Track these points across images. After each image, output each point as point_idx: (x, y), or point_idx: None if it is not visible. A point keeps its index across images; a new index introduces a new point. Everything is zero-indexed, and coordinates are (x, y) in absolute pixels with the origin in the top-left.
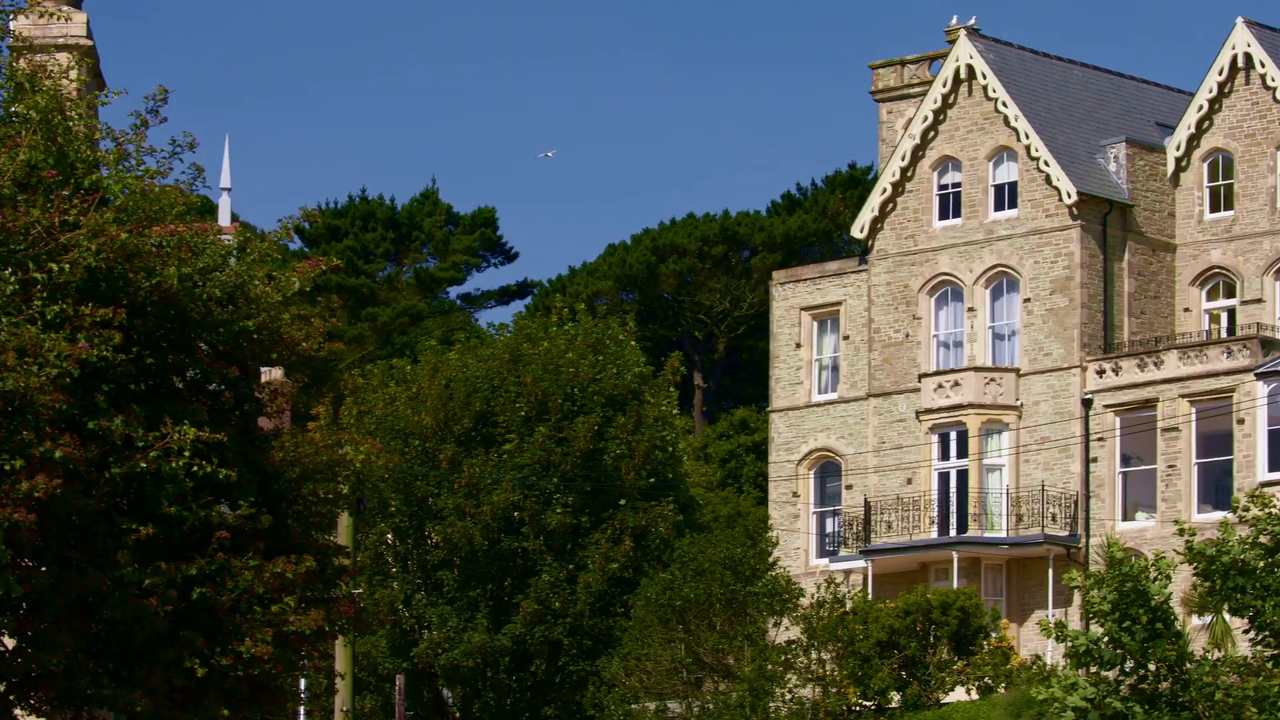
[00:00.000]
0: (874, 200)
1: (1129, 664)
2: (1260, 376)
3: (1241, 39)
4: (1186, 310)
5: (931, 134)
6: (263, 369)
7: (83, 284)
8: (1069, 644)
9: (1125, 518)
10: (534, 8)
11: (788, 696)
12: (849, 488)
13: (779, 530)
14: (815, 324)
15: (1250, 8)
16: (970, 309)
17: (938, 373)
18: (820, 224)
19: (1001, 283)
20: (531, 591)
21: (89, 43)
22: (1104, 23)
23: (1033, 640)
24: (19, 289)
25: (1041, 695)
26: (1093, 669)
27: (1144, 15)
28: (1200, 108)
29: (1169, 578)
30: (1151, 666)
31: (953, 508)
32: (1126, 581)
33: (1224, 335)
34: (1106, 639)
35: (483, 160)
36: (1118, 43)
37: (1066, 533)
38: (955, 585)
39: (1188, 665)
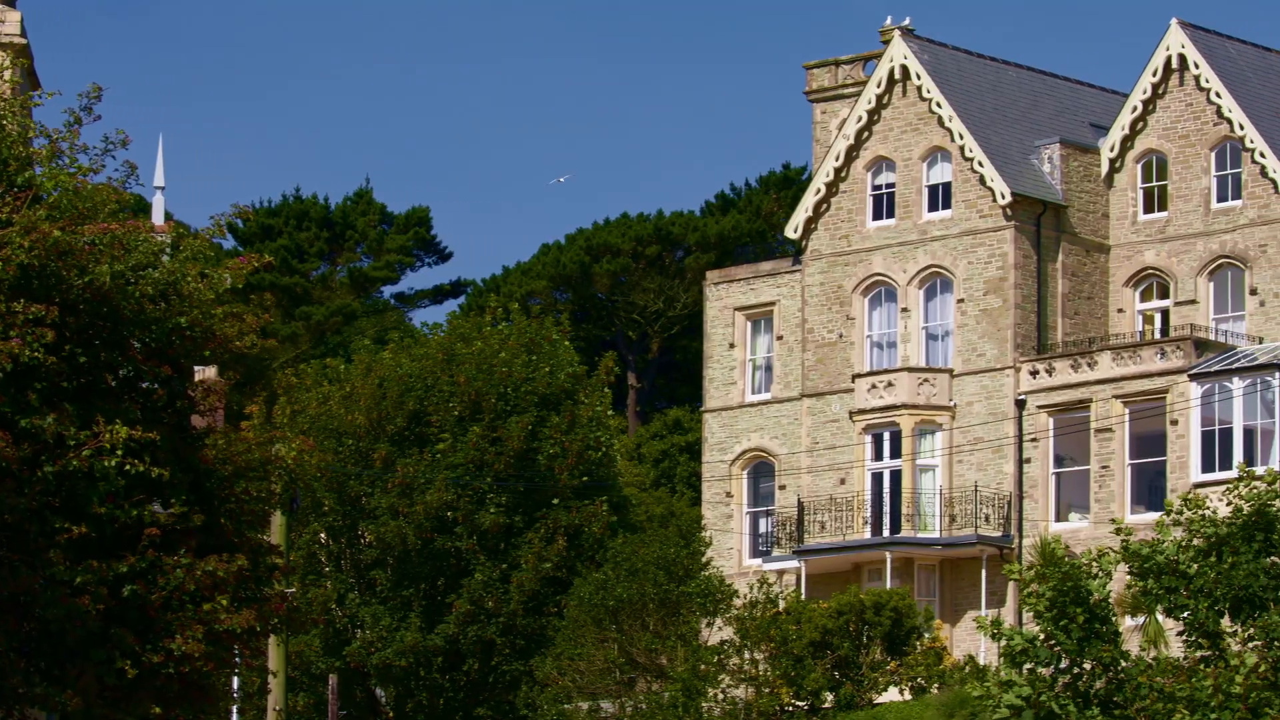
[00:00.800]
0: (808, 200)
1: (1064, 663)
2: (1194, 377)
3: (1176, 40)
4: (1120, 311)
5: (865, 134)
6: (196, 367)
7: (15, 281)
8: (1005, 642)
9: (1058, 518)
10: (467, 8)
11: (721, 696)
12: (782, 488)
13: (712, 530)
14: (749, 324)
15: (1184, 9)
16: (904, 309)
17: (871, 373)
18: (754, 224)
19: (935, 283)
20: (465, 591)
21: (23, 41)
22: (1039, 24)
23: (966, 640)
24: None
25: (977, 692)
26: (1028, 667)
27: (1079, 16)
28: (1134, 109)
29: (1110, 575)
30: (1087, 665)
31: (886, 508)
32: (1066, 580)
33: (1157, 336)
34: (1043, 637)
35: (417, 160)
36: (1052, 44)
37: (1000, 533)
38: (888, 585)
39: (1123, 665)
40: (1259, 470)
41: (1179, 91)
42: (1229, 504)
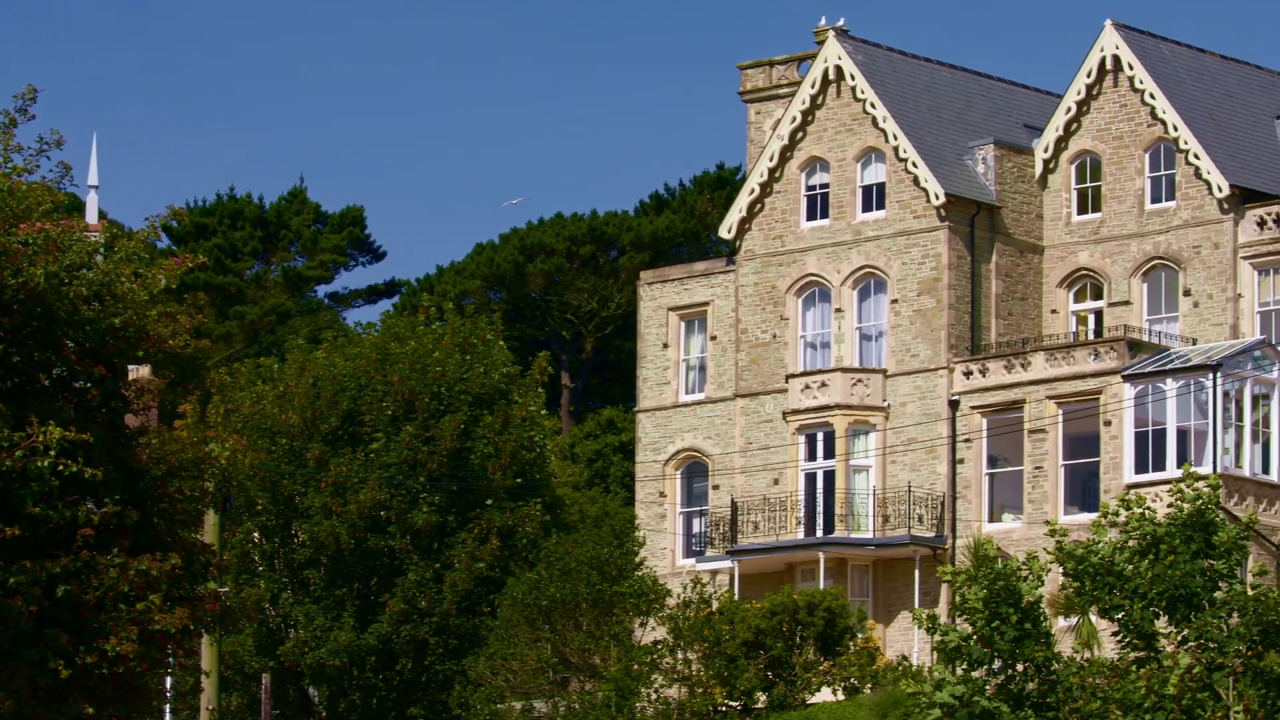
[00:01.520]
0: (742, 201)
1: (997, 663)
2: (1127, 378)
3: (1110, 42)
4: (1054, 312)
5: (800, 135)
6: (129, 367)
7: None
8: (939, 638)
9: (992, 519)
10: (402, 8)
11: (654, 696)
12: (716, 488)
13: (645, 530)
14: (683, 324)
15: (1119, 11)
16: (838, 310)
17: (805, 373)
18: (688, 224)
19: (869, 284)
20: (398, 591)
21: None
22: (973, 25)
23: (899, 641)
24: None
25: (910, 689)
26: (961, 667)
27: (1013, 18)
28: (1069, 110)
29: (1041, 579)
30: (1019, 666)
31: (819, 508)
32: (998, 580)
33: (1091, 337)
34: (976, 637)
35: (351, 159)
36: (987, 45)
37: (933, 534)
38: (821, 586)
39: (1055, 666)
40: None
41: (1113, 93)
42: (1168, 504)
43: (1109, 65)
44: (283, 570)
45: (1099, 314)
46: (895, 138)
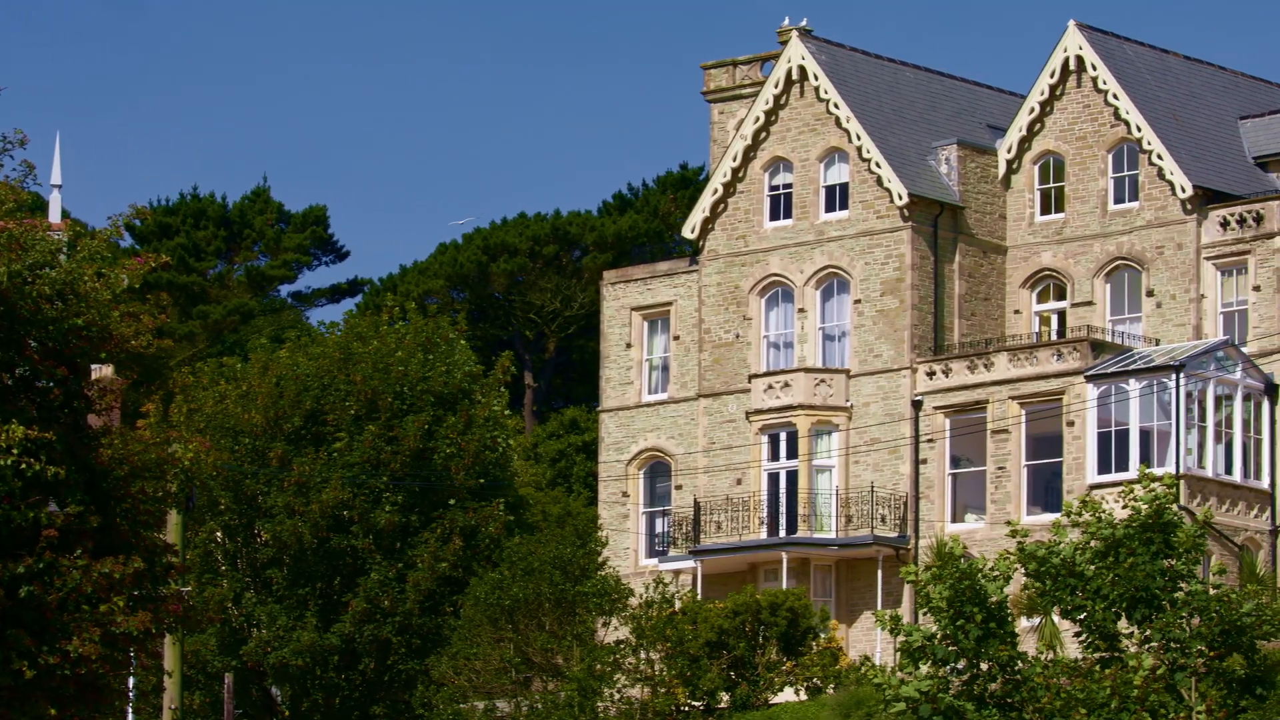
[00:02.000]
0: (705, 201)
1: (961, 663)
2: (1090, 379)
3: (1073, 42)
4: (1017, 312)
5: (763, 135)
6: (92, 366)
7: None
8: (903, 638)
9: (954, 519)
10: (365, 7)
11: (616, 696)
12: (679, 488)
13: (608, 530)
14: (646, 324)
15: (1083, 11)
16: (801, 310)
17: (768, 373)
18: (651, 224)
19: (832, 284)
20: (360, 590)
21: None
22: (936, 25)
23: (861, 641)
24: None
25: (878, 679)
26: (925, 666)
27: (976, 18)
28: (1032, 110)
29: (1008, 579)
30: (984, 666)
31: (782, 508)
32: (963, 580)
33: (1054, 337)
34: (940, 636)
35: (314, 158)
36: (950, 45)
37: (896, 534)
38: (784, 586)
39: (1019, 666)
40: (1156, 472)
41: (1076, 93)
42: (1125, 505)
43: (1072, 66)
44: (245, 570)
45: (1062, 314)
46: (858, 138)
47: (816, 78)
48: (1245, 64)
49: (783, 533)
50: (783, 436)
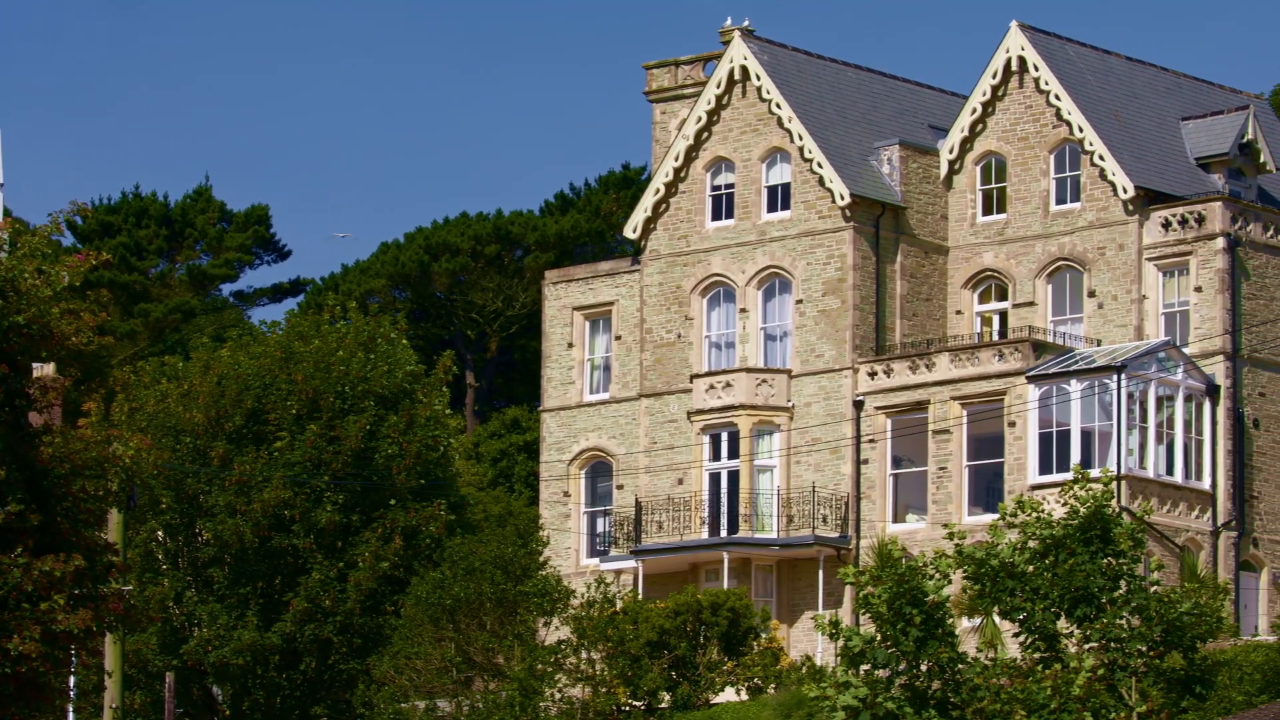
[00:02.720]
0: (647, 200)
1: (901, 665)
2: (1031, 379)
3: (1015, 43)
4: (958, 313)
5: (705, 135)
6: (33, 364)
7: None
8: (843, 642)
9: (896, 519)
10: (306, 8)
11: (557, 696)
12: (620, 488)
13: (550, 530)
14: (587, 324)
15: (1025, 12)
16: (742, 310)
17: (709, 373)
18: (593, 224)
19: (774, 284)
20: (302, 589)
21: None
22: (878, 26)
23: (803, 641)
24: None
25: (814, 693)
26: (864, 668)
27: (918, 18)
28: (974, 111)
29: (948, 579)
30: (923, 667)
31: (723, 508)
32: (903, 581)
33: (995, 338)
34: (880, 638)
35: (256, 158)
36: (892, 46)
37: (837, 534)
38: (725, 586)
39: (960, 667)
40: (1094, 473)
41: (1018, 94)
42: (1064, 504)
43: (1014, 66)
44: (186, 569)
45: (1003, 315)
46: (800, 138)
47: (758, 78)
48: (1187, 65)
49: (724, 533)
50: (724, 436)
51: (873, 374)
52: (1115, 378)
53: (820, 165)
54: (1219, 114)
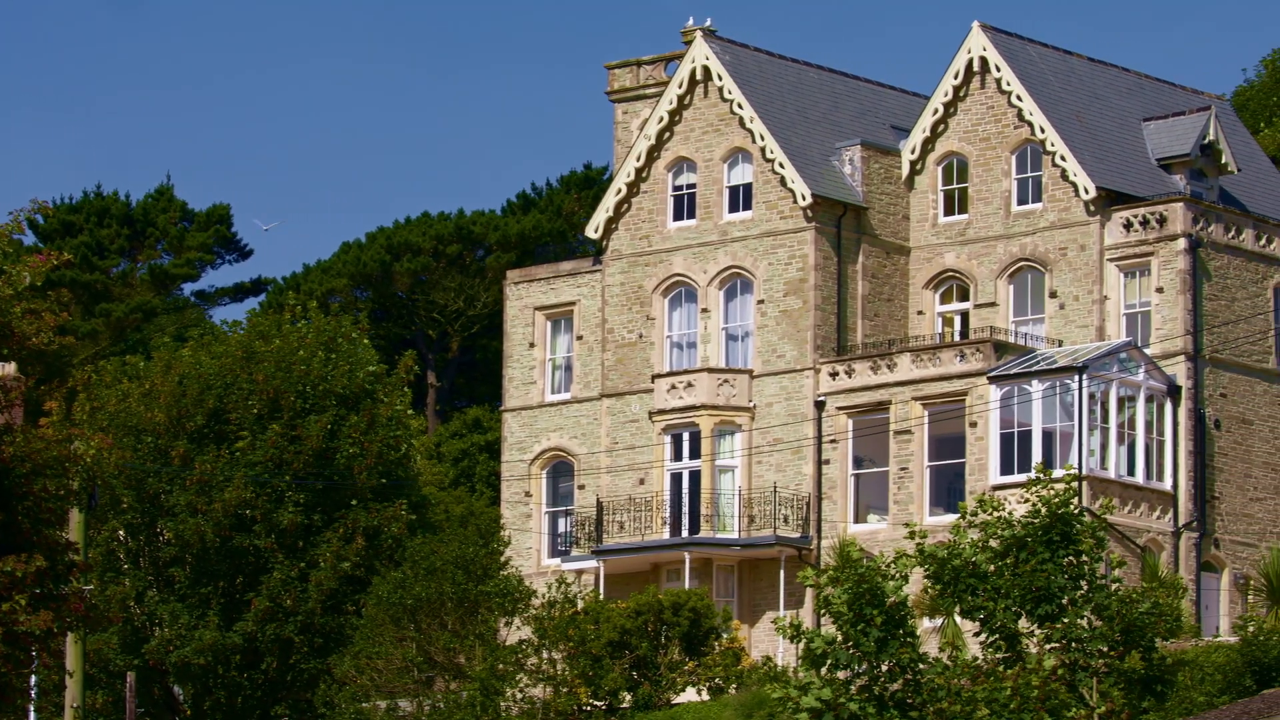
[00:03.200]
0: (609, 201)
1: (862, 665)
2: (993, 380)
3: (977, 43)
4: (920, 313)
5: (667, 135)
6: None
7: None
8: (804, 643)
9: (857, 520)
10: (269, 6)
11: (519, 696)
12: (581, 488)
13: (511, 530)
14: (549, 324)
15: (987, 12)
16: (704, 310)
17: (671, 373)
18: (555, 224)
19: (735, 284)
20: (263, 589)
21: None
22: (840, 26)
23: (764, 641)
24: None
25: (777, 694)
26: (825, 670)
27: (880, 19)
28: (936, 111)
29: (907, 578)
30: (884, 667)
31: (685, 508)
32: (863, 582)
33: (957, 338)
34: (841, 639)
35: (218, 157)
36: (854, 46)
37: (798, 534)
38: (687, 586)
39: (921, 667)
40: (1056, 473)
41: (980, 94)
42: (1027, 502)
43: (976, 67)
44: (148, 568)
45: (965, 315)
46: (762, 138)
47: (720, 78)
48: (1149, 66)
49: (685, 533)
50: (685, 436)
51: (834, 374)
52: (1076, 378)
53: (782, 165)
54: (1181, 115)
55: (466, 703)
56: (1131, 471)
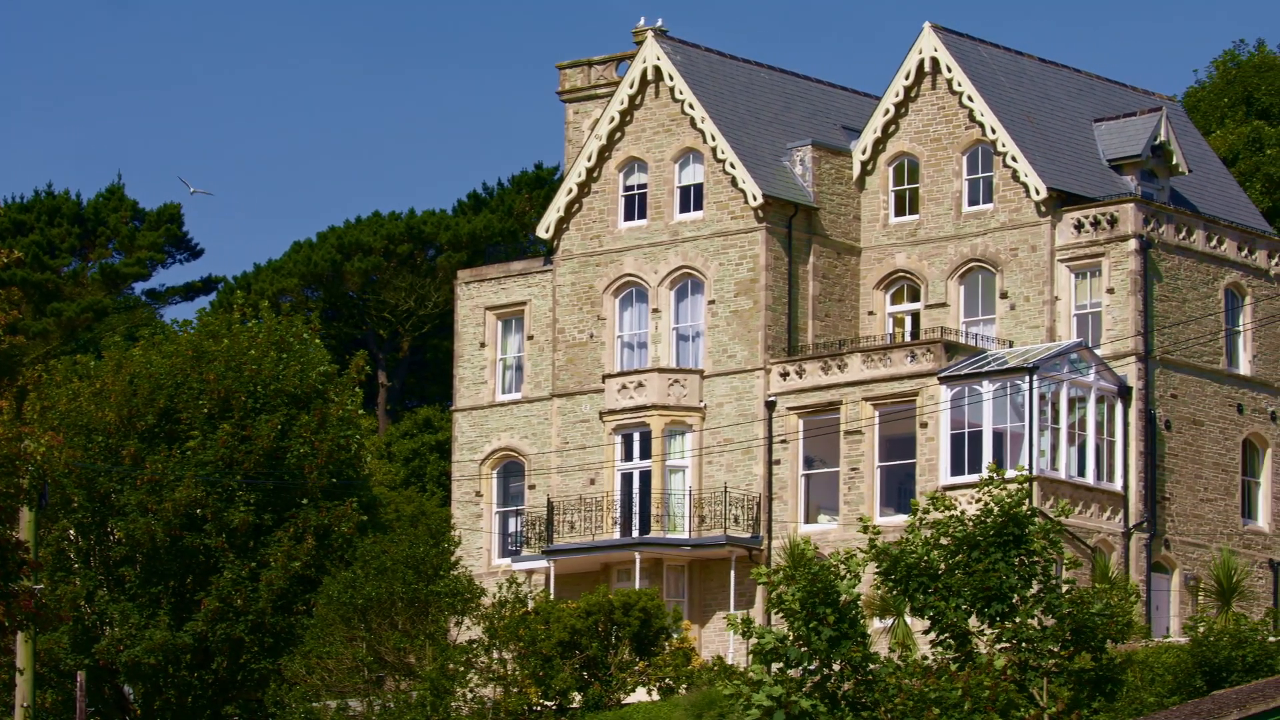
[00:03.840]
0: (560, 201)
1: (814, 663)
2: (943, 380)
3: (928, 44)
4: (871, 313)
5: (618, 135)
6: None
7: None
8: (755, 640)
9: (808, 520)
10: (220, 8)
11: (469, 696)
12: (532, 488)
13: (462, 529)
14: (500, 324)
15: (938, 13)
16: (655, 310)
17: (621, 373)
18: (506, 224)
19: (686, 284)
20: (213, 589)
21: None
22: (791, 26)
23: (714, 641)
24: None
25: (728, 690)
26: (777, 667)
27: (832, 19)
28: (887, 112)
29: (859, 577)
30: (836, 666)
31: (635, 509)
32: (816, 581)
33: (908, 339)
34: (793, 637)
35: (169, 157)
36: (805, 46)
37: (749, 534)
38: (637, 586)
39: (872, 666)
40: (1007, 473)
41: (931, 95)
42: (979, 501)
43: (927, 68)
44: (98, 568)
45: (916, 316)
46: (713, 138)
47: (671, 78)
48: (1100, 67)
49: (636, 533)
50: (636, 437)
51: (785, 374)
52: (1027, 379)
53: (733, 166)
54: (1132, 116)
55: (417, 702)
56: (1082, 472)
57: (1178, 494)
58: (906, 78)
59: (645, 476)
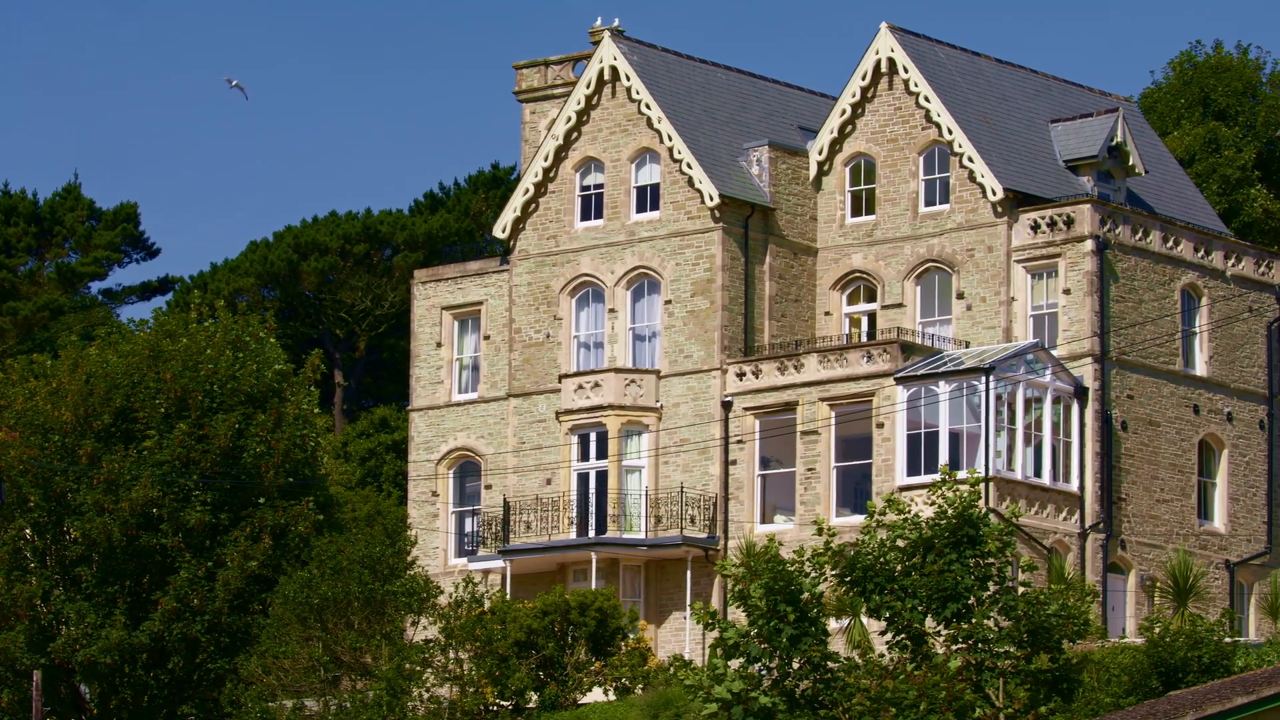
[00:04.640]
0: (516, 200)
1: (774, 661)
2: (900, 381)
3: (885, 44)
4: (827, 314)
5: (574, 135)
6: None
7: None
8: (719, 633)
9: (764, 520)
10: (176, 7)
11: (425, 695)
12: (488, 487)
13: (418, 529)
14: (456, 323)
15: (894, 13)
16: (611, 310)
17: (578, 374)
18: (463, 224)
19: (643, 284)
20: (170, 588)
21: None
22: (748, 27)
23: (671, 641)
24: None
25: (689, 681)
26: (737, 662)
27: (788, 19)
28: (843, 112)
29: (824, 575)
30: (795, 664)
31: (592, 509)
32: (779, 579)
33: (864, 339)
34: (755, 633)
35: (125, 156)
36: (762, 47)
37: (705, 534)
38: (593, 586)
39: (830, 665)
40: (962, 474)
41: (888, 95)
42: (933, 504)
43: (884, 68)
44: (54, 567)
45: (872, 316)
46: (670, 138)
47: (628, 78)
48: (1056, 68)
49: (592, 533)
50: (592, 437)
51: (741, 375)
52: (984, 379)
53: (689, 166)
54: (1088, 116)
55: (373, 702)
56: (1038, 473)
57: (1134, 494)
58: (863, 78)
59: (601, 477)
